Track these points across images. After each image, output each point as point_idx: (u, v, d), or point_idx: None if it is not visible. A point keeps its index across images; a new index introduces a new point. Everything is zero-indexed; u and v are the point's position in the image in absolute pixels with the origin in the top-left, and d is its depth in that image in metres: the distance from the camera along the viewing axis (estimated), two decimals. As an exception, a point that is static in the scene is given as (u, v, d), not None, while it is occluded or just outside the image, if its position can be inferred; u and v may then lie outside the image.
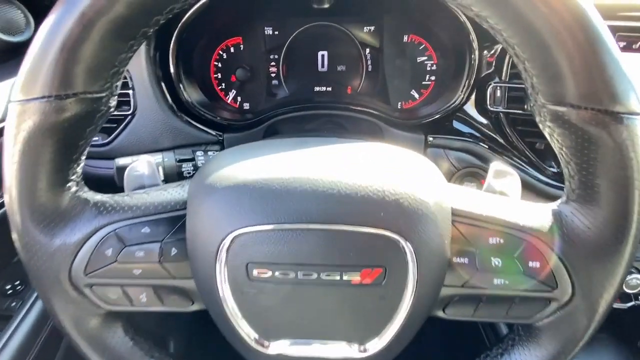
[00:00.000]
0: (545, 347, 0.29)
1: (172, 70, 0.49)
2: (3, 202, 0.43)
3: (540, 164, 0.48)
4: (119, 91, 0.26)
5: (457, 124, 0.53)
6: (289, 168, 0.26)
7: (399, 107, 0.58)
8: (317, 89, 0.58)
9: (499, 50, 0.47)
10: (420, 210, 0.25)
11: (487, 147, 0.50)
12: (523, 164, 0.49)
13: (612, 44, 0.21)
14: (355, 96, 0.58)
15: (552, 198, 0.48)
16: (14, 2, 0.53)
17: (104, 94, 0.24)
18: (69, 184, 0.27)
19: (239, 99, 0.59)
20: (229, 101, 0.59)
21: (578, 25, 0.21)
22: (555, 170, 0.48)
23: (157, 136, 0.51)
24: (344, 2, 0.51)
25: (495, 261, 0.27)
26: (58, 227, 0.27)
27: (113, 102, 0.25)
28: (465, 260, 0.27)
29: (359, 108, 0.57)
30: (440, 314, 0.30)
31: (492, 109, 0.48)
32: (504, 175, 0.31)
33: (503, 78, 0.47)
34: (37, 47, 0.22)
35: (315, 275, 0.25)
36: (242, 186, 0.25)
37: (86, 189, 0.28)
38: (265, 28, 0.54)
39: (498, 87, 0.47)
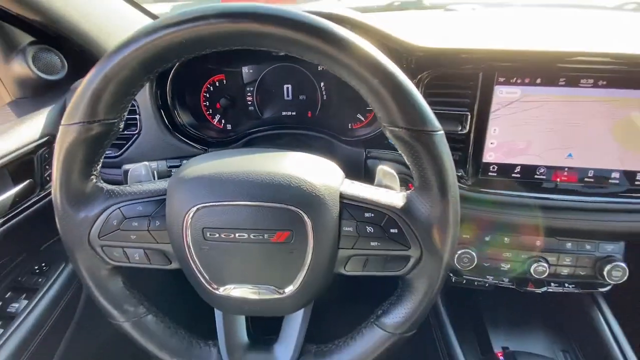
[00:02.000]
0: (416, 291, 0.41)
1: (169, 101, 0.65)
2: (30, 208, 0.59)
3: (451, 171, 0.61)
4: (125, 118, 0.40)
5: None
6: (232, 166, 0.40)
7: (349, 128, 0.72)
8: (284, 113, 0.73)
9: (415, 83, 0.61)
10: (314, 193, 0.38)
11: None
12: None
13: (412, 87, 0.35)
14: (315, 119, 0.73)
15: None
16: (52, 50, 0.71)
17: (116, 120, 0.39)
18: (92, 177, 0.41)
19: (223, 121, 0.74)
20: (215, 123, 0.74)
21: (389, 80, 0.34)
22: (462, 174, 0.61)
23: (156, 150, 0.66)
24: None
25: (370, 228, 0.40)
26: (83, 205, 0.41)
27: (122, 125, 0.40)
28: (351, 229, 0.40)
29: (317, 128, 0.71)
30: (342, 271, 0.43)
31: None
32: (388, 174, 0.44)
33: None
34: (77, 93, 0.37)
35: (246, 236, 0.38)
36: (200, 177, 0.39)
37: (102, 180, 0.43)
38: (243, 67, 0.70)
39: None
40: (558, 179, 0.59)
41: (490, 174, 0.60)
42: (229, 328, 0.48)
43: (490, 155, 0.59)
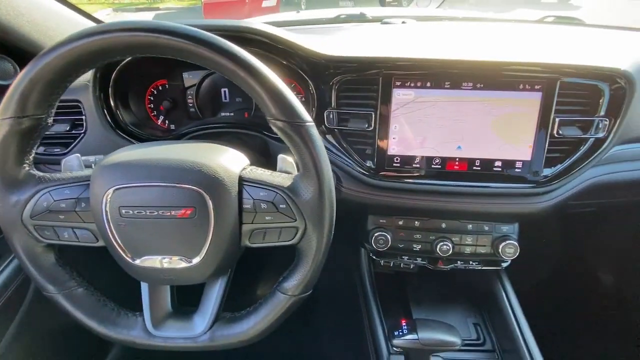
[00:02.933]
0: (306, 258, 0.49)
1: (112, 103, 0.72)
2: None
3: (363, 164, 0.70)
4: (53, 114, 0.47)
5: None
6: (145, 154, 0.47)
7: (281, 127, 0.80)
8: (223, 114, 0.81)
9: (329, 87, 0.70)
10: (214, 176, 0.46)
11: (331, 151, 0.72)
12: (352, 162, 0.71)
13: (285, 87, 0.43)
14: (251, 119, 0.81)
15: (366, 183, 0.70)
16: (6, 57, 0.76)
17: (44, 116, 0.45)
18: (24, 165, 0.47)
19: (167, 121, 0.81)
20: (159, 123, 0.81)
21: (267, 82, 0.42)
22: (372, 166, 0.70)
23: (102, 148, 0.72)
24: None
25: (264, 205, 0.48)
26: (16, 189, 0.47)
27: (50, 120, 0.47)
28: (249, 206, 0.48)
29: (253, 127, 0.79)
30: (248, 243, 0.50)
31: (329, 126, 0.70)
32: (287, 161, 0.53)
33: (333, 106, 0.70)
34: (9, 92, 0.43)
35: (156, 212, 0.45)
36: (118, 164, 0.46)
37: (34, 168, 0.49)
38: (183, 73, 0.78)
39: (331, 112, 0.70)
40: (451, 168, 0.68)
41: (395, 164, 0.69)
42: (154, 300, 0.55)
43: (394, 148, 0.68)
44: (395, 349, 0.63)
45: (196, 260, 0.48)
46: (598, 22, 1.14)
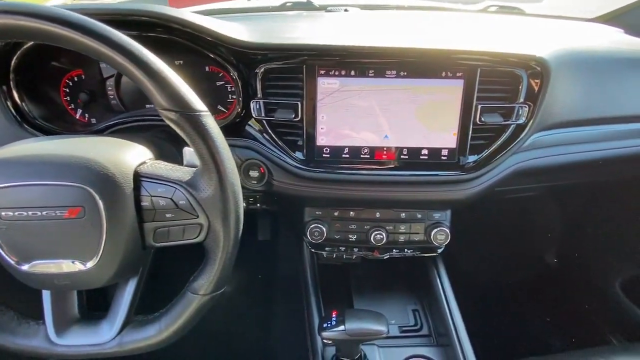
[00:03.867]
0: (214, 255, 0.47)
1: (15, 96, 0.66)
2: None
3: (292, 154, 0.68)
4: None
5: (249, 128, 0.73)
6: (25, 150, 0.43)
7: (213, 118, 0.77)
8: (148, 106, 0.76)
9: (254, 75, 0.67)
10: (103, 172, 0.42)
11: (261, 143, 0.70)
12: (281, 154, 0.69)
13: (173, 74, 0.40)
14: (180, 111, 0.77)
15: (297, 175, 0.68)
16: None
17: None
18: None
19: (86, 115, 0.76)
20: (78, 117, 0.75)
21: (152, 71, 0.39)
22: (302, 157, 0.68)
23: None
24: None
25: (162, 202, 0.45)
26: None
27: None
28: (147, 203, 0.45)
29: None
30: (153, 243, 0.47)
31: (257, 117, 0.68)
32: (193, 154, 0.50)
33: (259, 96, 0.67)
34: None
35: (39, 213, 0.42)
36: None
37: None
38: (100, 63, 0.72)
39: (258, 102, 0.67)
40: (380, 157, 0.68)
41: (324, 155, 0.68)
42: (58, 306, 0.51)
43: (322, 139, 0.67)
44: (325, 341, 0.63)
45: (91, 263, 0.44)
46: (554, 13, 1.16)
